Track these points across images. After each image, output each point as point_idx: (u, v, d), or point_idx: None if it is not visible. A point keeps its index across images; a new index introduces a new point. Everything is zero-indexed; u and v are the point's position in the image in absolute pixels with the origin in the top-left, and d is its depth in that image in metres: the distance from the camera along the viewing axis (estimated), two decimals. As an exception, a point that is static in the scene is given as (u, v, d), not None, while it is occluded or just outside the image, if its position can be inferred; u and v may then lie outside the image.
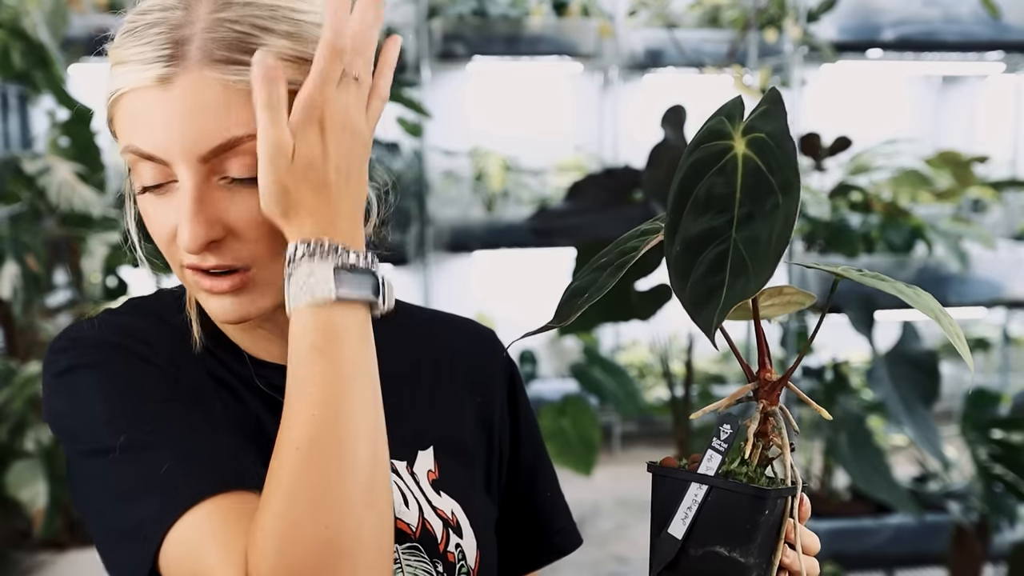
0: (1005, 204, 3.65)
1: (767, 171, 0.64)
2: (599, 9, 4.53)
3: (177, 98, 0.69)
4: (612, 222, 2.62)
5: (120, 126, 0.72)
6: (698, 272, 0.64)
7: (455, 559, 0.84)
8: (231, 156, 0.69)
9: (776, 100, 0.67)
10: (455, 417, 0.90)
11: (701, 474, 0.68)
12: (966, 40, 3.40)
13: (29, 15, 2.91)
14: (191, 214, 0.70)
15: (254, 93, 0.65)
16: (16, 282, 2.68)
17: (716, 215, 0.65)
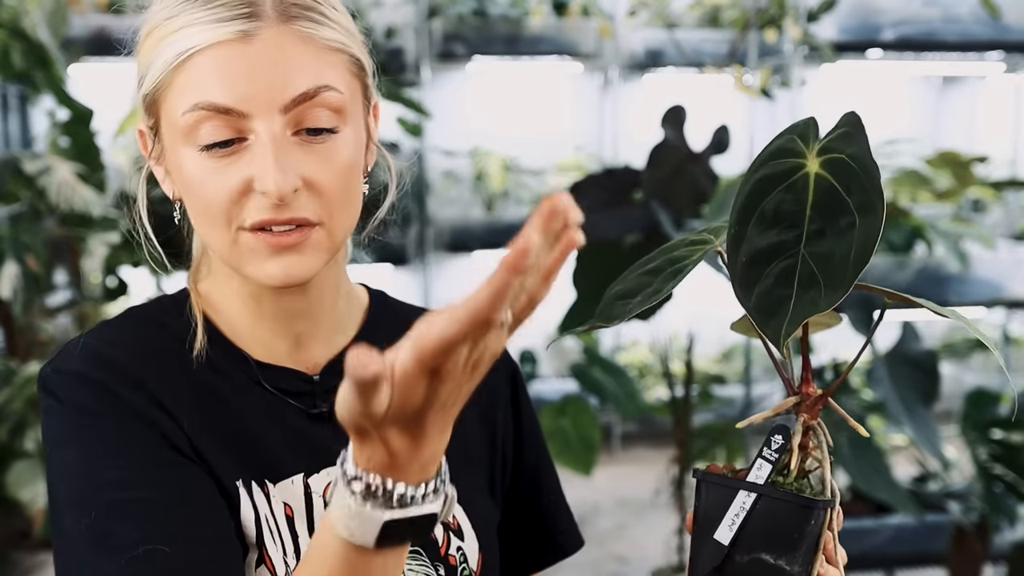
0: (1005, 204, 3.65)
1: (843, 191, 0.66)
2: (599, 9, 4.53)
3: (259, 51, 0.71)
4: (612, 222, 2.62)
5: (185, 88, 0.72)
6: (765, 284, 0.66)
7: (456, 562, 0.84)
8: (309, 107, 0.71)
9: (857, 124, 0.68)
10: (458, 419, 0.89)
11: (751, 483, 0.69)
12: (966, 40, 3.40)
13: (29, 15, 2.91)
14: (275, 160, 0.70)
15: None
16: (16, 282, 2.68)
17: (784, 230, 0.67)
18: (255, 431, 0.78)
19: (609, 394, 3.26)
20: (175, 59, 0.72)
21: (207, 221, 0.74)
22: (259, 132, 0.71)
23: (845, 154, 0.67)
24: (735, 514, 0.68)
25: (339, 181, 0.73)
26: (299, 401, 0.81)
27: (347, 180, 0.74)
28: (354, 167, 0.76)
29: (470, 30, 4.31)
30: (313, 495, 0.79)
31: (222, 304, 0.81)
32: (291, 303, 0.80)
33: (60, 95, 3.05)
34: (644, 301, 0.73)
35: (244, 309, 0.80)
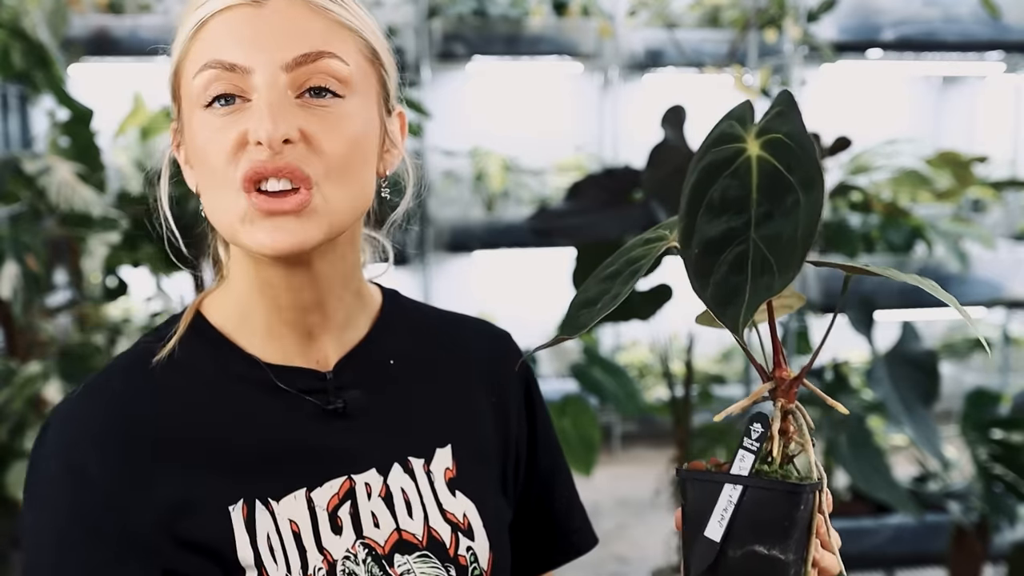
0: (1005, 204, 3.65)
1: (785, 170, 0.66)
2: (599, 9, 4.53)
3: (268, 14, 0.74)
4: (612, 222, 2.62)
5: (197, 53, 0.75)
6: (719, 273, 0.65)
7: (467, 562, 0.84)
8: (312, 70, 0.73)
9: (789, 102, 0.69)
10: (472, 417, 0.90)
11: (735, 475, 0.68)
12: (966, 40, 3.40)
13: (29, 15, 2.91)
14: (273, 107, 0.72)
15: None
16: (16, 282, 2.68)
17: (733, 216, 0.66)
18: (264, 448, 0.78)
19: (609, 394, 3.26)
20: (191, 28, 0.75)
21: (211, 187, 0.75)
22: (261, 85, 0.73)
23: (781, 133, 0.67)
24: (723, 509, 0.67)
25: (338, 144, 0.74)
26: (315, 398, 0.81)
27: (348, 149, 0.75)
28: (359, 142, 0.76)
29: (470, 30, 4.31)
30: (316, 509, 0.79)
31: (237, 306, 0.82)
32: (301, 293, 0.80)
33: (60, 95, 3.05)
34: (604, 307, 0.72)
35: (259, 301, 0.80)
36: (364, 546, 0.79)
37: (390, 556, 0.80)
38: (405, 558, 0.80)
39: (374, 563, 0.79)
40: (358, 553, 0.79)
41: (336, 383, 0.82)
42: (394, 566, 0.79)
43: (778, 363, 0.71)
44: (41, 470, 0.76)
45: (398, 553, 0.80)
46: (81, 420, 0.77)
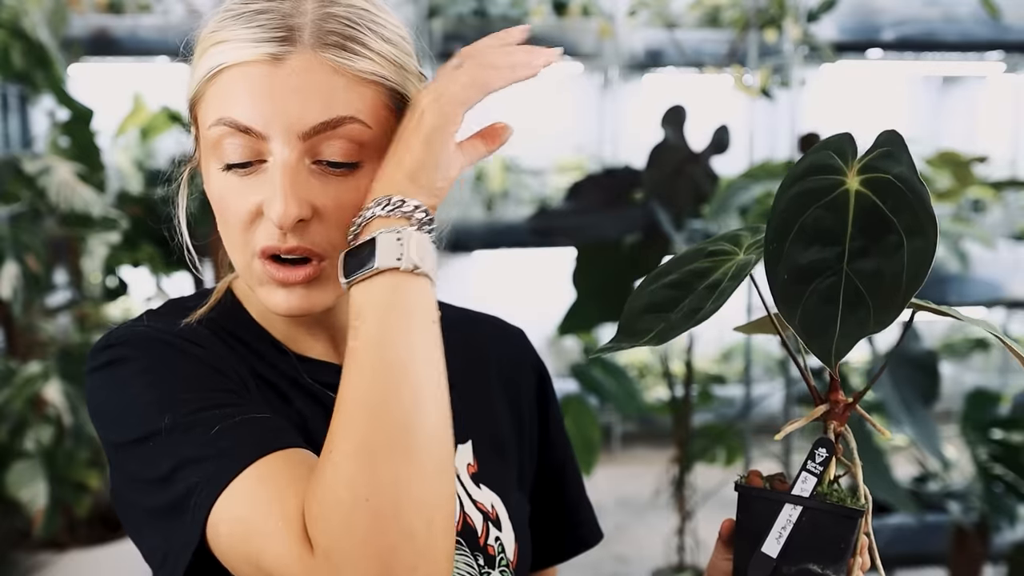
0: (1005, 204, 3.65)
1: (889, 211, 0.65)
2: (599, 9, 4.53)
3: (287, 75, 0.71)
4: (612, 222, 2.62)
5: (213, 101, 0.73)
6: (810, 301, 0.65)
7: (495, 552, 0.85)
8: (330, 138, 0.71)
9: (898, 142, 0.68)
10: (490, 413, 0.91)
11: (797, 496, 0.70)
12: (966, 40, 3.40)
13: (29, 15, 2.91)
14: (285, 189, 0.70)
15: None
16: (16, 282, 2.68)
17: (824, 247, 0.66)
18: (296, 425, 0.78)
19: (609, 394, 3.26)
20: (207, 72, 0.73)
21: (227, 238, 0.75)
22: (277, 156, 0.71)
23: (891, 174, 0.66)
24: (782, 527, 0.69)
25: (346, 215, 0.72)
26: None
27: (351, 216, 0.73)
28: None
29: (470, 30, 4.31)
30: None
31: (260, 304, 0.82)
32: (317, 322, 0.82)
33: (60, 95, 3.05)
34: (687, 318, 0.72)
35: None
36: None
37: None
38: None
39: None
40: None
41: None
42: None
43: (834, 388, 0.72)
44: (122, 366, 0.74)
45: None
46: (147, 330, 0.76)
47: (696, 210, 2.65)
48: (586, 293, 2.75)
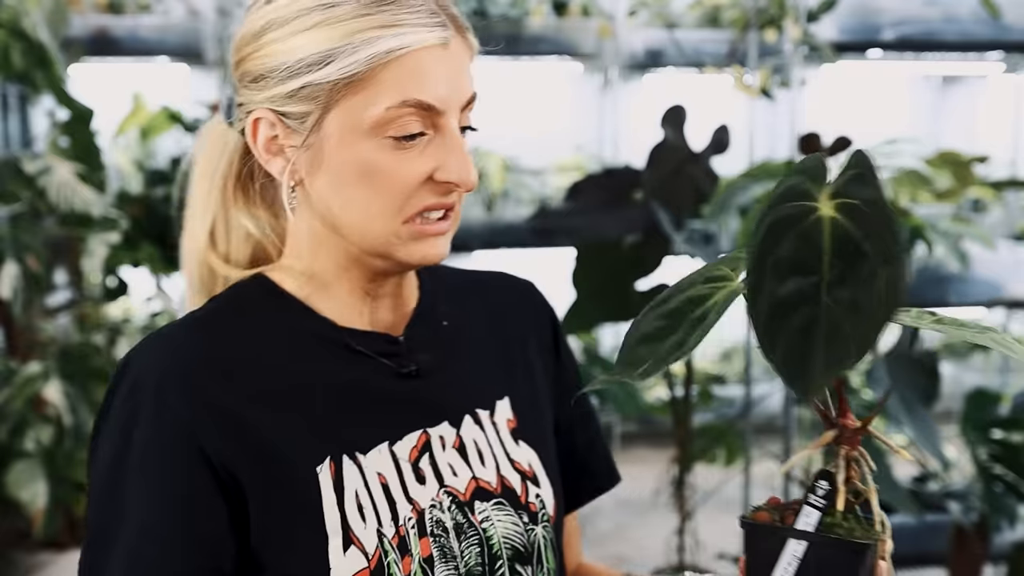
0: (1005, 204, 3.64)
1: (861, 238, 0.63)
2: (599, 9, 4.52)
3: (452, 57, 0.79)
4: (612, 222, 2.62)
5: (394, 83, 0.77)
6: (789, 338, 0.63)
7: (536, 508, 0.88)
8: (468, 109, 0.81)
9: (868, 165, 0.66)
10: (519, 368, 0.95)
11: (801, 531, 0.69)
12: (966, 40, 3.40)
13: (29, 15, 2.91)
14: (465, 153, 0.80)
15: None
16: (16, 282, 2.68)
17: (802, 277, 0.64)
18: (344, 403, 0.82)
19: (609, 394, 3.26)
20: (383, 54, 0.76)
21: (374, 207, 0.79)
22: (450, 127, 0.79)
23: (859, 199, 0.65)
24: (787, 563, 0.68)
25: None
26: (390, 361, 0.85)
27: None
28: None
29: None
30: (400, 461, 0.82)
31: (314, 278, 0.85)
32: (396, 283, 0.88)
33: (60, 95, 3.05)
34: (672, 351, 0.71)
35: (346, 280, 0.85)
36: (448, 494, 0.83)
37: (471, 503, 0.84)
38: (484, 505, 0.85)
39: (458, 510, 0.83)
40: (443, 501, 0.83)
41: (408, 346, 0.87)
42: (475, 512, 0.84)
43: (843, 412, 0.72)
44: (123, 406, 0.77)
45: (478, 500, 0.84)
46: (169, 357, 0.79)
47: (696, 210, 2.65)
48: (586, 293, 2.75)
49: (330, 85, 0.77)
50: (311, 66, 0.77)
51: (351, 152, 0.78)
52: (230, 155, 0.88)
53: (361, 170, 0.78)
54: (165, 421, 0.76)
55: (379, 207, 0.79)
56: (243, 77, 0.81)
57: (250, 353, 0.81)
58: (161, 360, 0.78)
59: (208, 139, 0.90)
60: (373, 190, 0.78)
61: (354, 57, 0.76)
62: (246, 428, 0.77)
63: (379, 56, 0.76)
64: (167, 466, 0.75)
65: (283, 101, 0.79)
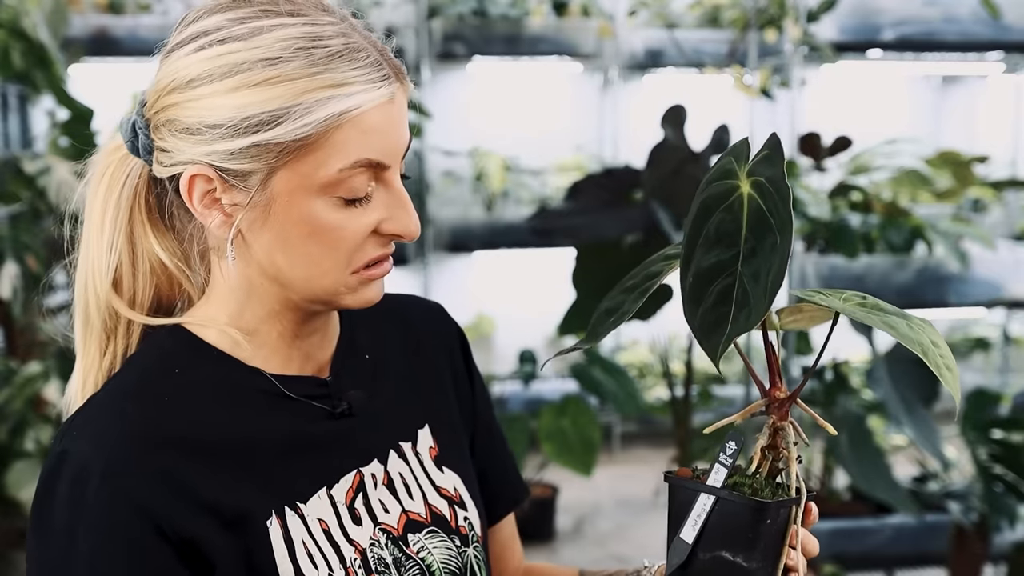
0: (1005, 204, 3.64)
1: (768, 212, 0.70)
2: (599, 9, 4.53)
3: (397, 110, 0.78)
4: (612, 222, 2.62)
5: (345, 143, 0.75)
6: (707, 303, 0.70)
7: (467, 531, 0.89)
8: (404, 156, 0.80)
9: (775, 146, 0.72)
10: (436, 393, 0.95)
11: (709, 486, 0.75)
12: (966, 40, 3.40)
13: (29, 15, 2.91)
14: (410, 204, 0.80)
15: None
16: (16, 282, 2.68)
17: (724, 249, 0.70)
18: (282, 453, 0.81)
19: (609, 394, 3.26)
20: (339, 117, 0.74)
21: (328, 263, 0.78)
22: (393, 180, 0.78)
23: (764, 176, 0.71)
24: (697, 515, 0.74)
25: None
26: (321, 403, 0.84)
27: None
28: None
29: (470, 30, 4.31)
30: (337, 505, 0.82)
31: (238, 326, 0.82)
32: (326, 322, 0.86)
33: (60, 95, 3.05)
34: (617, 321, 0.78)
35: (275, 326, 0.83)
36: (383, 531, 0.84)
37: (404, 537, 0.85)
38: (417, 535, 0.85)
39: (394, 545, 0.84)
40: (380, 539, 0.83)
41: (336, 386, 0.86)
42: (409, 545, 0.85)
43: (773, 382, 0.76)
44: (69, 501, 0.74)
45: (410, 533, 0.85)
46: (111, 439, 0.75)
47: (696, 210, 2.64)
48: (586, 293, 2.75)
49: (282, 146, 0.74)
50: (259, 126, 0.74)
51: (299, 211, 0.76)
52: (134, 183, 0.84)
53: (310, 229, 0.76)
54: (118, 508, 0.72)
55: (330, 263, 0.78)
56: (169, 124, 0.77)
57: (188, 417, 0.78)
58: (102, 444, 0.74)
59: (107, 164, 0.85)
60: (323, 246, 0.77)
61: (307, 119, 0.73)
62: (199, 495, 0.74)
63: (332, 118, 0.74)
64: (126, 557, 0.72)
65: (224, 158, 0.75)
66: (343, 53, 0.75)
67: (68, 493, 0.73)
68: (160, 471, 0.74)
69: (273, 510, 0.78)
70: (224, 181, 0.76)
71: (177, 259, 0.84)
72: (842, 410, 2.79)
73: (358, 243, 0.78)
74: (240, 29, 0.75)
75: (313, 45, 0.74)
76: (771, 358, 0.76)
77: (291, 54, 0.74)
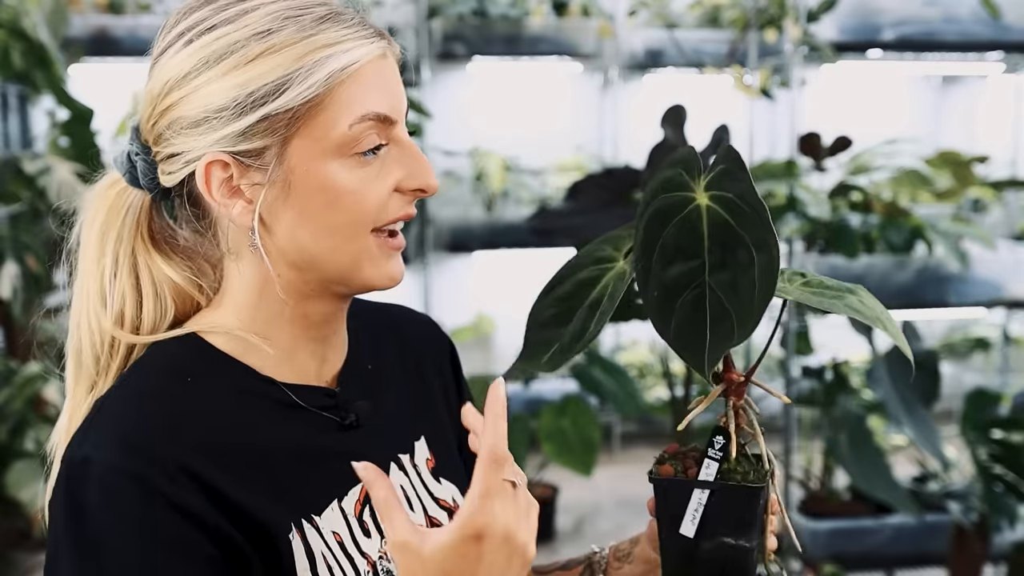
0: (1005, 204, 3.64)
1: (737, 227, 0.70)
2: (599, 9, 4.52)
3: (391, 66, 0.79)
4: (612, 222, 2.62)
5: (351, 100, 0.76)
6: (680, 316, 0.70)
7: None
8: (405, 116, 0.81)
9: (735, 159, 0.73)
10: (431, 405, 0.95)
11: (703, 480, 0.79)
12: (966, 40, 3.40)
13: (29, 15, 2.91)
14: (425, 158, 0.80)
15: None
16: (16, 282, 2.68)
17: (686, 261, 0.71)
18: (296, 464, 0.79)
19: (609, 394, 3.26)
20: (342, 72, 0.75)
21: (337, 231, 0.77)
22: (402, 137, 0.79)
23: (732, 193, 0.71)
24: (695, 509, 0.78)
25: None
26: (331, 414, 0.84)
27: None
28: None
29: (470, 30, 4.31)
30: (349, 517, 0.82)
31: (249, 330, 0.80)
32: (337, 320, 0.85)
33: (60, 95, 3.05)
34: (575, 341, 0.78)
35: (287, 328, 0.81)
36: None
37: None
38: None
39: None
40: (388, 551, 0.82)
41: (344, 397, 0.85)
42: None
43: (727, 367, 0.80)
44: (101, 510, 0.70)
45: None
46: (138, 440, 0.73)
47: (696, 210, 2.64)
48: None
49: (291, 113, 0.74)
50: (266, 96, 0.74)
51: (319, 178, 0.76)
52: (135, 215, 0.83)
53: (333, 194, 0.76)
54: (157, 507, 0.70)
55: (356, 228, 0.77)
56: (173, 125, 0.76)
57: (206, 423, 0.76)
58: (127, 446, 0.72)
59: (103, 201, 0.84)
60: (345, 211, 0.76)
61: (312, 79, 0.74)
62: (228, 497, 0.73)
63: (336, 74, 0.74)
64: (174, 554, 0.70)
65: (235, 140, 0.75)
66: (330, 16, 0.76)
67: (100, 500, 0.70)
68: (189, 471, 0.72)
69: (292, 522, 0.77)
70: (240, 163, 0.76)
71: (190, 274, 0.83)
72: (842, 410, 2.79)
73: (382, 203, 0.78)
74: (225, 14, 0.76)
75: (300, 13, 0.76)
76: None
77: (281, 24, 0.75)
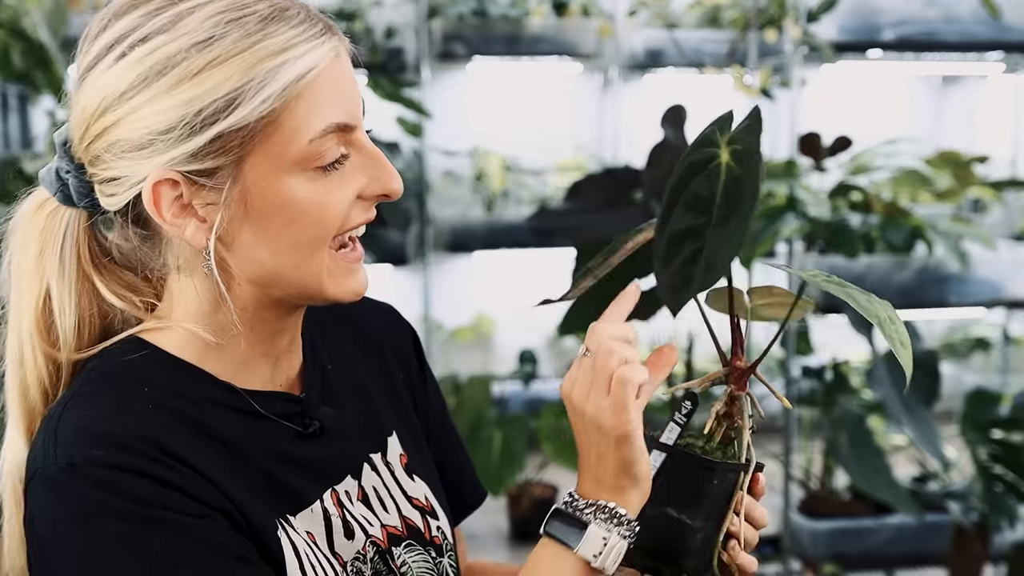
0: (1005, 204, 3.64)
1: (742, 177, 0.73)
2: (599, 9, 4.52)
3: (345, 66, 0.73)
4: (612, 222, 2.62)
5: (308, 111, 0.69)
6: (678, 262, 0.73)
7: (440, 540, 0.88)
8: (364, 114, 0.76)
9: (755, 117, 0.75)
10: (397, 398, 0.93)
11: (661, 443, 0.77)
12: (966, 40, 3.40)
13: (29, 15, 2.91)
14: (387, 162, 0.75)
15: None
16: (16, 282, 2.68)
17: (698, 215, 0.73)
18: (267, 467, 0.77)
19: (609, 394, 3.25)
20: (297, 82, 0.69)
21: (313, 244, 0.72)
22: (362, 142, 0.73)
23: (741, 144, 0.74)
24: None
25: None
26: (292, 422, 0.80)
27: None
28: None
29: (470, 30, 4.31)
30: (332, 516, 0.80)
31: (202, 338, 0.76)
32: (295, 326, 0.82)
33: (60, 95, 3.05)
34: (581, 277, 0.85)
35: (243, 335, 0.76)
36: (372, 544, 0.82)
37: (389, 550, 0.83)
38: (398, 550, 0.83)
39: (380, 559, 0.82)
40: (367, 552, 0.81)
41: (308, 403, 0.82)
42: (394, 559, 0.83)
43: (735, 353, 0.79)
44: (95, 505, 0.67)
45: (393, 546, 0.83)
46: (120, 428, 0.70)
47: (696, 210, 2.64)
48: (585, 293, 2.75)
49: (245, 130, 0.68)
50: (216, 114, 0.67)
51: (278, 195, 0.70)
52: (74, 237, 0.76)
53: (293, 211, 0.70)
54: (161, 495, 0.67)
55: (316, 242, 0.72)
56: (112, 148, 0.70)
57: (175, 422, 0.72)
58: (108, 441, 0.68)
59: (34, 226, 0.77)
60: (307, 226, 0.71)
61: (265, 93, 0.68)
62: (220, 486, 0.71)
63: (291, 85, 0.68)
64: (190, 538, 0.67)
65: (185, 161, 0.68)
66: (274, 15, 0.69)
67: (101, 495, 0.66)
68: (172, 454, 0.69)
69: (276, 519, 0.76)
70: (191, 182, 0.70)
71: (128, 291, 0.77)
72: (842, 410, 2.79)
73: (345, 209, 0.73)
74: (158, 21, 0.69)
75: (242, 15, 0.68)
76: (735, 331, 0.79)
77: (223, 29, 0.68)
